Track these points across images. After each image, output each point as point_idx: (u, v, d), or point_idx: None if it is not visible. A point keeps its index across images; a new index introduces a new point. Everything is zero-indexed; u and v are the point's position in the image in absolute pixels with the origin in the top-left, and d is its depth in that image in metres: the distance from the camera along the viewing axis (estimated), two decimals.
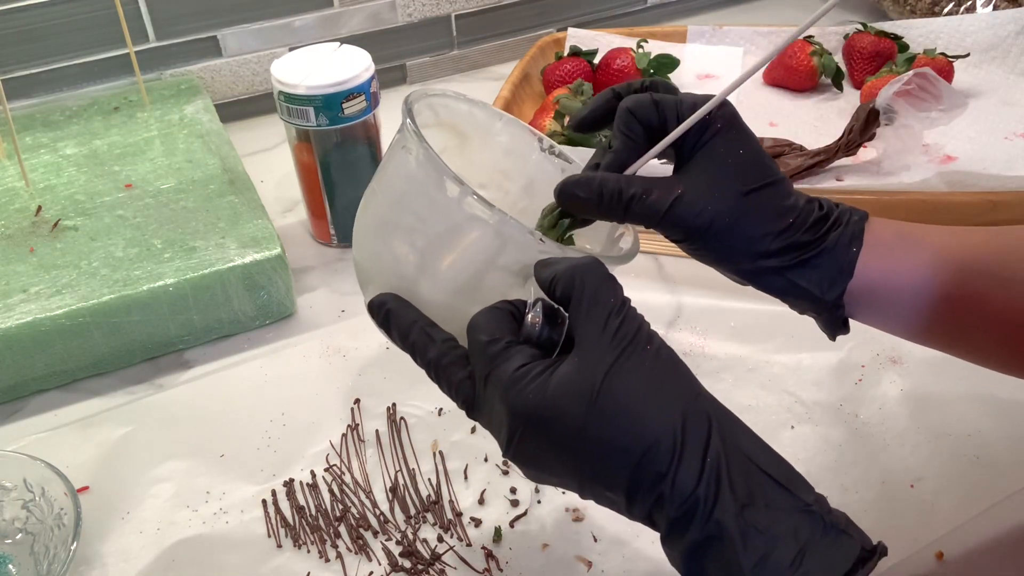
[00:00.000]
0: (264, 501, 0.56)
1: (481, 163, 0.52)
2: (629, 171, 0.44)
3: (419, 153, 0.42)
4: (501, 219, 0.40)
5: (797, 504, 0.35)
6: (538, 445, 0.37)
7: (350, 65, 0.70)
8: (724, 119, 0.43)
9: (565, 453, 0.36)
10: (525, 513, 0.54)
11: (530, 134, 0.52)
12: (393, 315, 0.43)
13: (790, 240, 0.43)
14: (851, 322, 0.66)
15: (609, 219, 0.44)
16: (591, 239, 0.50)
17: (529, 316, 0.39)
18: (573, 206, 0.44)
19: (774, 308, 0.68)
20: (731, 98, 0.44)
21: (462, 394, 0.40)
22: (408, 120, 0.43)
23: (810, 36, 0.96)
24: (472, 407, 0.40)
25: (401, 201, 0.44)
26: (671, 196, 0.42)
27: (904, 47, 0.93)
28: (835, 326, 0.45)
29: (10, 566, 0.51)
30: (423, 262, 0.43)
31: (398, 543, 0.53)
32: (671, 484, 0.34)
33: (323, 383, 0.64)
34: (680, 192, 0.42)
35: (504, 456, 0.39)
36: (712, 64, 0.99)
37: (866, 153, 0.81)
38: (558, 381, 0.36)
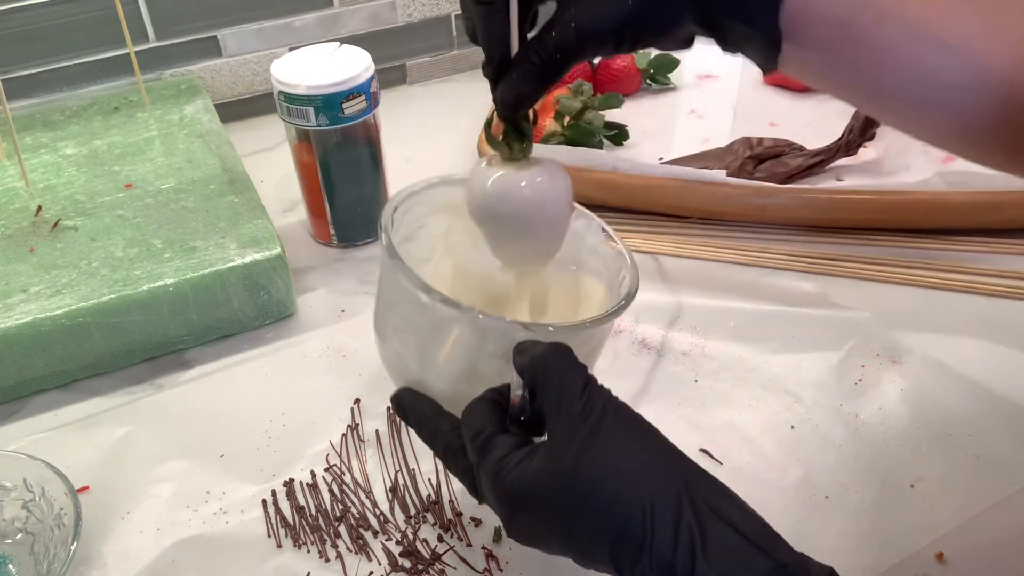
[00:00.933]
0: (264, 501, 0.56)
1: None
2: (512, 43, 0.43)
3: (392, 265, 0.46)
4: (472, 316, 0.43)
5: (775, 566, 0.35)
6: (529, 527, 0.39)
7: (350, 65, 0.70)
8: None
9: (552, 534, 0.38)
10: None
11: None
12: (408, 410, 0.47)
13: None
14: (850, 322, 0.66)
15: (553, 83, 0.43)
16: (596, 281, 0.52)
17: (513, 397, 0.42)
18: (517, 110, 0.45)
19: (774, 308, 0.68)
20: (731, 99, 0.44)
21: (467, 481, 0.43)
22: (383, 234, 0.47)
23: None
24: (477, 492, 0.42)
25: (391, 306, 0.49)
26: (569, 32, 0.41)
27: None
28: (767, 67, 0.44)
29: (10, 566, 0.51)
30: (422, 358, 0.47)
31: (398, 543, 0.53)
32: (649, 558, 0.35)
33: (323, 383, 0.64)
34: (572, 20, 0.41)
35: (507, 536, 0.41)
36: (712, 64, 0.99)
37: (866, 153, 0.81)
38: (533, 470, 0.38)
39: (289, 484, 0.57)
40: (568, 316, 0.53)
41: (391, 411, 0.62)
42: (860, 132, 0.78)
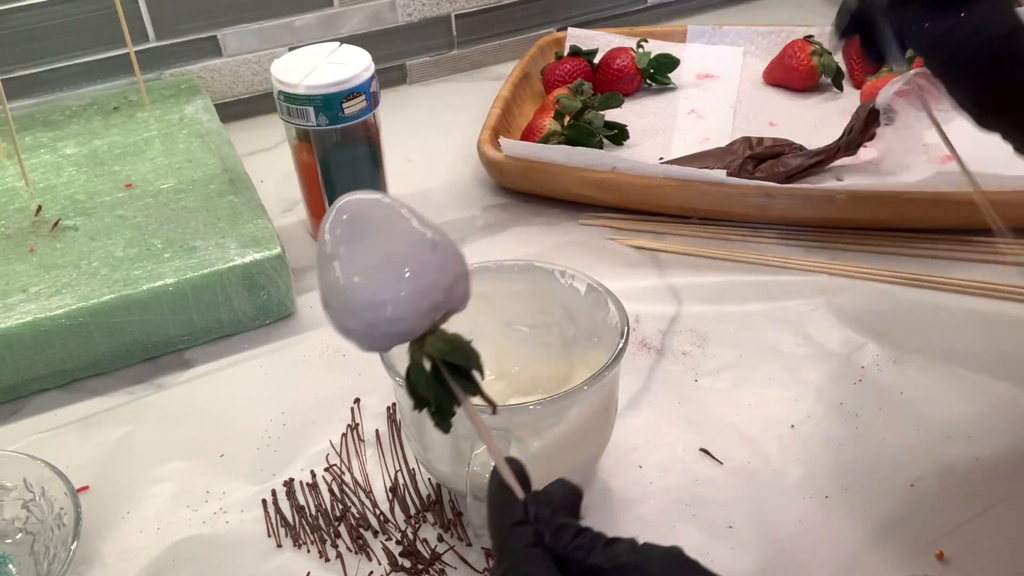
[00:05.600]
0: (264, 501, 0.56)
1: (516, 310, 0.57)
2: None
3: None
4: None
5: None
6: None
7: (350, 65, 0.70)
8: None
9: None
10: None
11: (545, 270, 0.55)
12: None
13: None
14: (850, 322, 0.66)
15: None
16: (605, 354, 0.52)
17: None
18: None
19: (774, 308, 0.68)
20: (731, 99, 0.44)
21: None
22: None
23: (810, 36, 0.96)
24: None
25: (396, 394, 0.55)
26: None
27: None
28: None
29: (10, 566, 0.51)
30: (421, 443, 0.51)
31: (398, 543, 0.53)
32: None
33: (323, 383, 0.64)
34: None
35: None
36: (712, 64, 0.99)
37: (866, 153, 0.81)
38: None
39: (289, 484, 0.57)
40: None
41: (391, 410, 0.62)
42: (860, 132, 0.78)
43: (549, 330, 0.57)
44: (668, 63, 0.95)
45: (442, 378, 0.37)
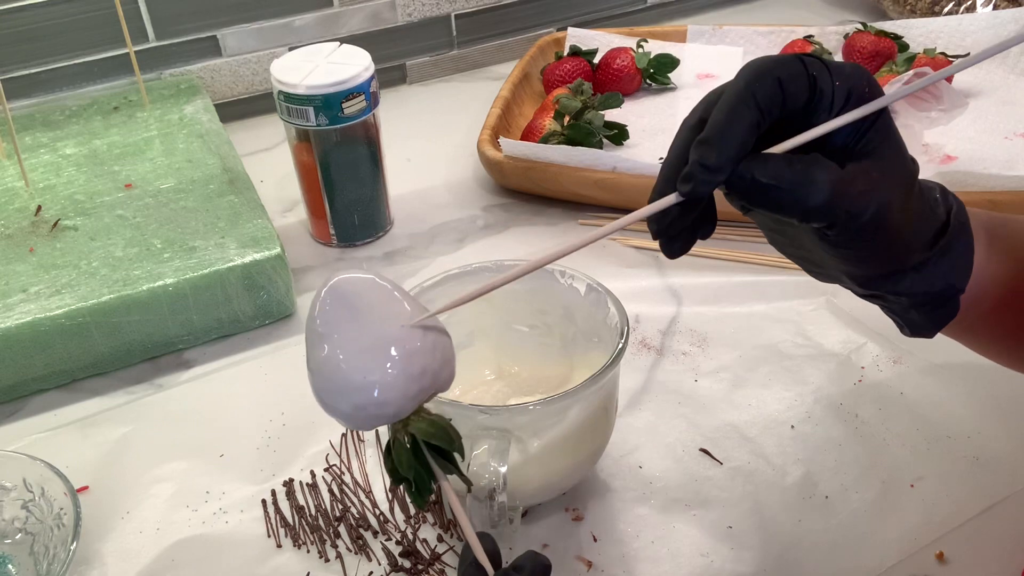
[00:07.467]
0: (264, 501, 0.56)
1: (517, 310, 0.57)
2: (780, 147, 0.37)
3: None
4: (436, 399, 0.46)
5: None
6: None
7: (350, 65, 0.70)
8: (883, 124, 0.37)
9: None
10: (525, 513, 0.54)
11: (545, 270, 0.55)
12: None
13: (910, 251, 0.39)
14: (850, 322, 0.66)
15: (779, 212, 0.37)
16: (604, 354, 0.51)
17: None
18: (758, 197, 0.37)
19: (773, 308, 0.68)
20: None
21: None
22: None
23: (810, 36, 0.96)
24: None
25: None
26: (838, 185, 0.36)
27: (904, 47, 0.93)
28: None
29: (10, 566, 0.51)
30: None
31: (398, 543, 0.53)
32: None
33: None
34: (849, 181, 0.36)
35: None
36: (712, 64, 0.99)
37: None
38: None
39: (289, 484, 0.57)
40: None
41: None
42: None
43: (549, 330, 0.57)
44: (668, 63, 0.95)
45: (422, 455, 0.38)
